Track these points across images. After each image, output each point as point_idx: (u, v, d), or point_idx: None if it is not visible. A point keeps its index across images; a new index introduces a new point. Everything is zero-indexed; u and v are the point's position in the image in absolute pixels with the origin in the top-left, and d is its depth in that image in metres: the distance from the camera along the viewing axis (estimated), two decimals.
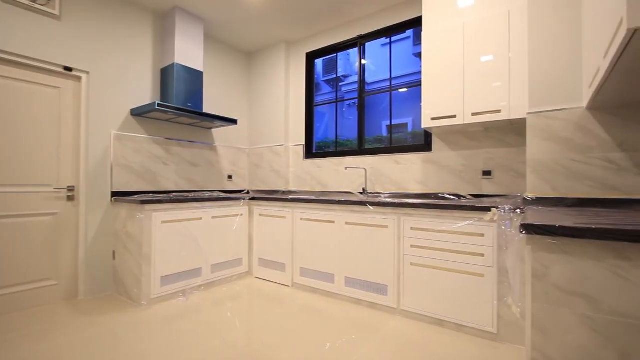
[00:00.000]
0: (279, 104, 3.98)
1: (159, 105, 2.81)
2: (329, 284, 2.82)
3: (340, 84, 5.22)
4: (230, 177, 4.02)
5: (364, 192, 3.27)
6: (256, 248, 3.43)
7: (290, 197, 3.26)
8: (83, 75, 2.79)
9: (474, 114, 2.37)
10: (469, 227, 2.14)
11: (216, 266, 3.13)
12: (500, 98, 2.27)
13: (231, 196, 3.35)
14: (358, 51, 3.51)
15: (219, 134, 3.91)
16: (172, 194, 3.29)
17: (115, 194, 2.92)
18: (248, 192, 4.16)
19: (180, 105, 3.16)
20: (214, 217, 3.11)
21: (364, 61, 3.51)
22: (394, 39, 3.36)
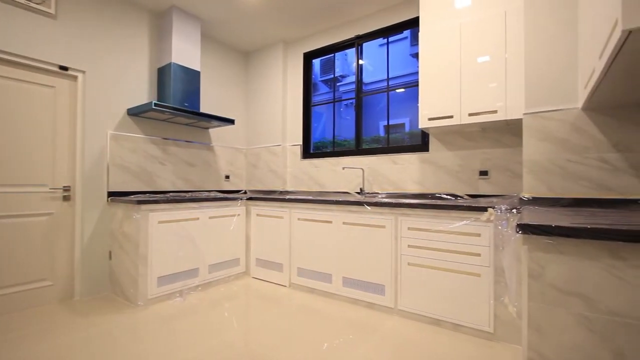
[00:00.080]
0: (277, 103, 3.97)
1: (156, 105, 2.80)
2: (326, 284, 2.82)
3: (338, 84, 5.22)
4: (227, 177, 4.01)
5: (361, 192, 3.27)
6: (253, 248, 3.42)
7: (288, 197, 3.26)
8: (79, 75, 2.77)
9: (470, 114, 2.38)
10: (465, 227, 2.14)
11: (213, 266, 3.12)
12: (496, 98, 2.28)
13: (228, 196, 3.34)
14: (355, 51, 3.51)
15: (216, 133, 3.90)
16: (169, 194, 3.28)
17: (111, 194, 2.91)
18: (245, 192, 4.15)
19: (177, 105, 3.15)
20: (211, 217, 3.10)
21: (361, 61, 3.52)
22: (391, 39, 3.36)
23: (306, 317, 2.41)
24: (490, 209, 2.03)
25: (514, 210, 1.92)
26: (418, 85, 2.67)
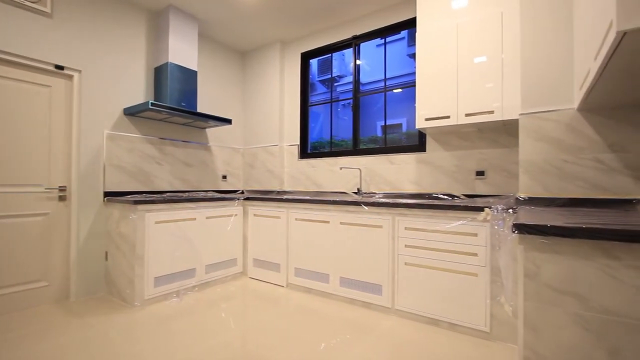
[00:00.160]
0: (274, 103, 3.97)
1: (153, 104, 2.78)
2: (323, 284, 2.82)
3: (335, 84, 5.22)
4: (224, 177, 4.00)
5: (358, 192, 3.27)
6: (251, 248, 3.41)
7: (285, 197, 3.26)
8: (75, 74, 2.75)
9: (467, 114, 2.39)
10: (462, 227, 2.15)
11: (210, 267, 3.12)
12: (493, 99, 2.29)
13: (225, 196, 3.34)
14: (353, 51, 3.52)
15: (213, 133, 3.89)
16: (166, 194, 3.26)
17: (107, 194, 2.89)
18: (242, 192, 4.15)
19: (174, 105, 3.14)
20: (208, 218, 3.10)
21: (358, 61, 3.52)
22: (388, 39, 3.37)
23: (303, 317, 2.41)
24: (486, 209, 2.04)
25: (510, 210, 1.93)
26: (415, 86, 2.68)
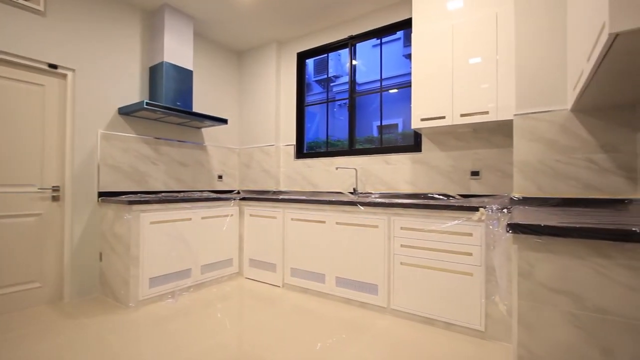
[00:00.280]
0: (270, 103, 3.96)
1: (148, 104, 2.77)
2: (319, 284, 2.82)
3: (331, 84, 5.22)
4: (220, 177, 3.99)
5: (354, 192, 3.28)
6: (247, 248, 3.41)
7: (281, 197, 3.26)
8: (69, 73, 2.73)
9: (462, 115, 2.41)
10: (457, 227, 2.16)
11: (206, 267, 3.10)
12: (488, 99, 2.31)
13: (221, 196, 3.33)
14: (349, 52, 3.52)
15: (208, 133, 3.87)
16: (161, 194, 3.24)
17: (102, 194, 2.87)
18: (238, 192, 4.13)
19: (170, 105, 3.12)
20: (203, 218, 3.08)
21: (354, 62, 3.53)
22: (384, 40, 3.38)
23: (299, 317, 2.41)
24: (481, 209, 2.05)
25: (505, 210, 1.95)
26: (411, 86, 2.69)
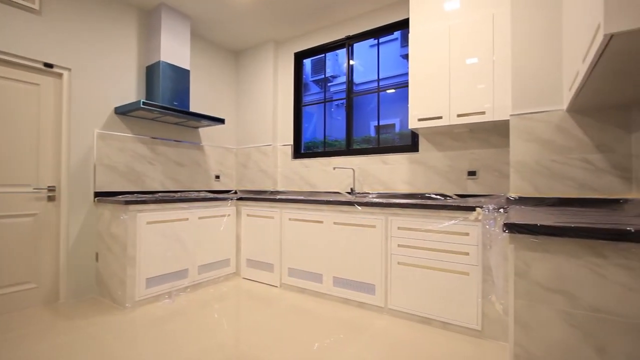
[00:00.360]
0: (267, 103, 3.96)
1: (144, 103, 2.75)
2: (317, 284, 2.82)
3: (329, 84, 5.23)
4: (217, 177, 3.98)
5: (352, 192, 3.28)
6: (244, 248, 3.40)
7: (279, 197, 3.25)
8: (64, 72, 2.71)
9: (459, 115, 2.42)
10: (454, 227, 2.17)
11: (203, 267, 3.09)
12: (484, 100, 2.32)
13: (218, 196, 3.32)
14: (346, 52, 3.52)
15: (206, 133, 3.86)
16: (158, 194, 3.23)
17: (98, 194, 2.85)
18: (236, 192, 4.13)
19: (166, 104, 3.11)
20: (200, 218, 3.07)
21: (352, 62, 3.53)
22: (381, 40, 3.38)
23: (297, 318, 2.41)
24: (478, 209, 2.06)
25: (501, 210, 1.96)
26: (408, 86, 2.69)
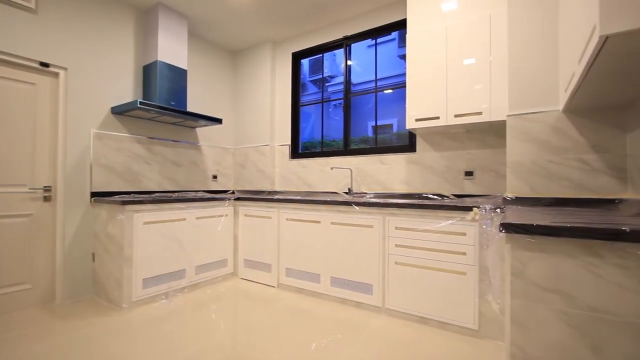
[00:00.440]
0: (265, 103, 3.95)
1: (141, 103, 2.74)
2: (314, 284, 2.82)
3: (327, 84, 5.23)
4: (215, 177, 3.97)
5: (349, 192, 3.29)
6: (241, 249, 3.39)
7: (276, 197, 3.25)
8: (61, 72, 2.69)
9: (456, 115, 2.42)
10: (451, 227, 2.18)
11: (200, 267, 3.08)
12: (481, 100, 2.33)
13: (216, 196, 3.31)
14: (344, 52, 3.53)
15: (203, 133, 3.85)
16: (155, 194, 3.22)
17: (95, 194, 2.84)
18: (233, 192, 4.12)
19: (164, 104, 3.10)
20: (198, 218, 3.06)
21: (349, 62, 3.53)
22: (379, 40, 3.39)
23: (294, 318, 2.40)
24: (475, 209, 2.07)
25: (498, 210, 1.97)
26: (405, 87, 2.70)
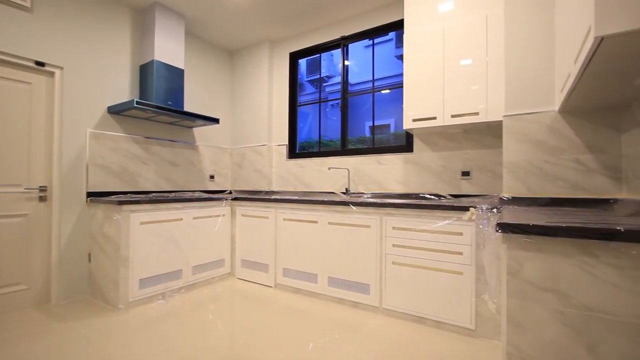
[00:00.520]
0: (262, 103, 3.95)
1: (138, 103, 2.73)
2: (312, 284, 2.82)
3: (324, 84, 5.23)
4: (212, 177, 3.96)
5: (346, 192, 3.29)
6: (238, 249, 3.39)
7: (273, 197, 3.25)
8: (56, 71, 2.67)
9: (453, 115, 2.43)
10: (448, 226, 2.19)
11: (197, 268, 3.07)
12: (478, 101, 2.34)
13: (213, 196, 3.30)
14: (341, 52, 3.53)
15: (200, 133, 3.84)
16: (152, 194, 3.20)
17: (91, 194, 2.82)
18: (230, 192, 4.11)
19: (160, 104, 3.09)
20: (195, 218, 3.06)
21: (347, 62, 3.54)
22: (376, 41, 3.39)
23: (292, 318, 2.40)
24: (471, 209, 2.08)
25: (495, 210, 1.98)
26: (403, 87, 2.71)
